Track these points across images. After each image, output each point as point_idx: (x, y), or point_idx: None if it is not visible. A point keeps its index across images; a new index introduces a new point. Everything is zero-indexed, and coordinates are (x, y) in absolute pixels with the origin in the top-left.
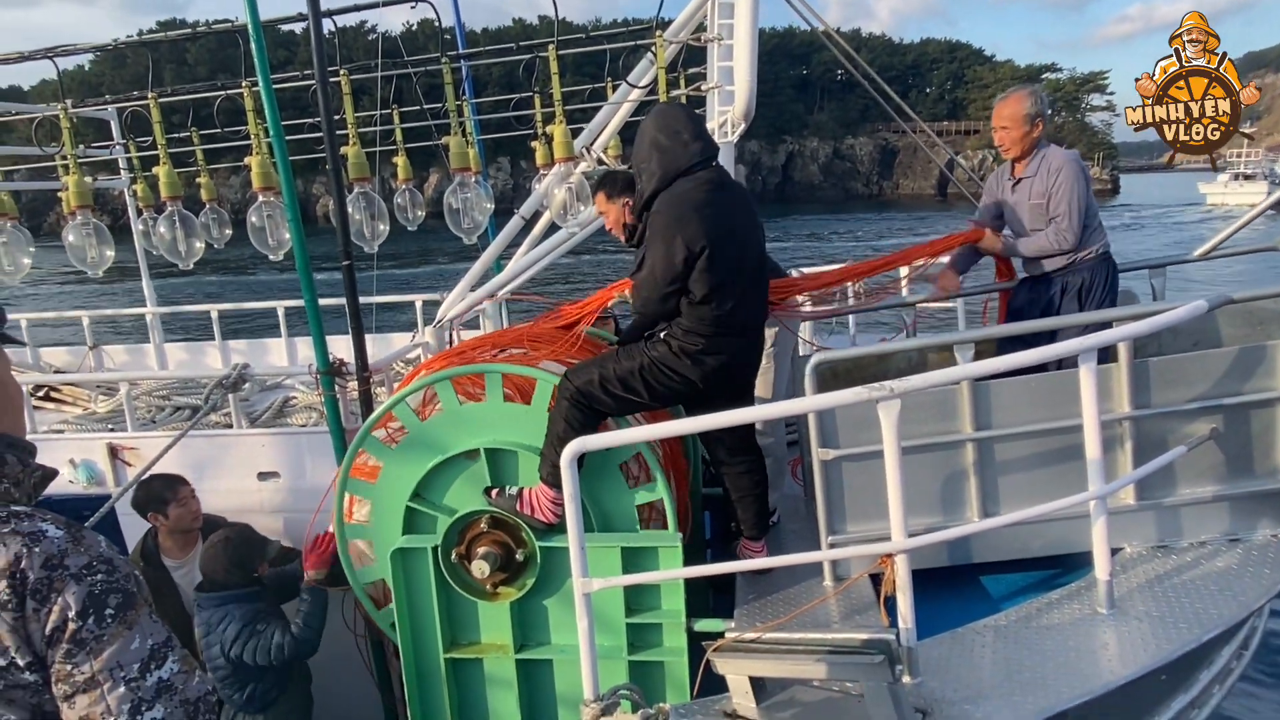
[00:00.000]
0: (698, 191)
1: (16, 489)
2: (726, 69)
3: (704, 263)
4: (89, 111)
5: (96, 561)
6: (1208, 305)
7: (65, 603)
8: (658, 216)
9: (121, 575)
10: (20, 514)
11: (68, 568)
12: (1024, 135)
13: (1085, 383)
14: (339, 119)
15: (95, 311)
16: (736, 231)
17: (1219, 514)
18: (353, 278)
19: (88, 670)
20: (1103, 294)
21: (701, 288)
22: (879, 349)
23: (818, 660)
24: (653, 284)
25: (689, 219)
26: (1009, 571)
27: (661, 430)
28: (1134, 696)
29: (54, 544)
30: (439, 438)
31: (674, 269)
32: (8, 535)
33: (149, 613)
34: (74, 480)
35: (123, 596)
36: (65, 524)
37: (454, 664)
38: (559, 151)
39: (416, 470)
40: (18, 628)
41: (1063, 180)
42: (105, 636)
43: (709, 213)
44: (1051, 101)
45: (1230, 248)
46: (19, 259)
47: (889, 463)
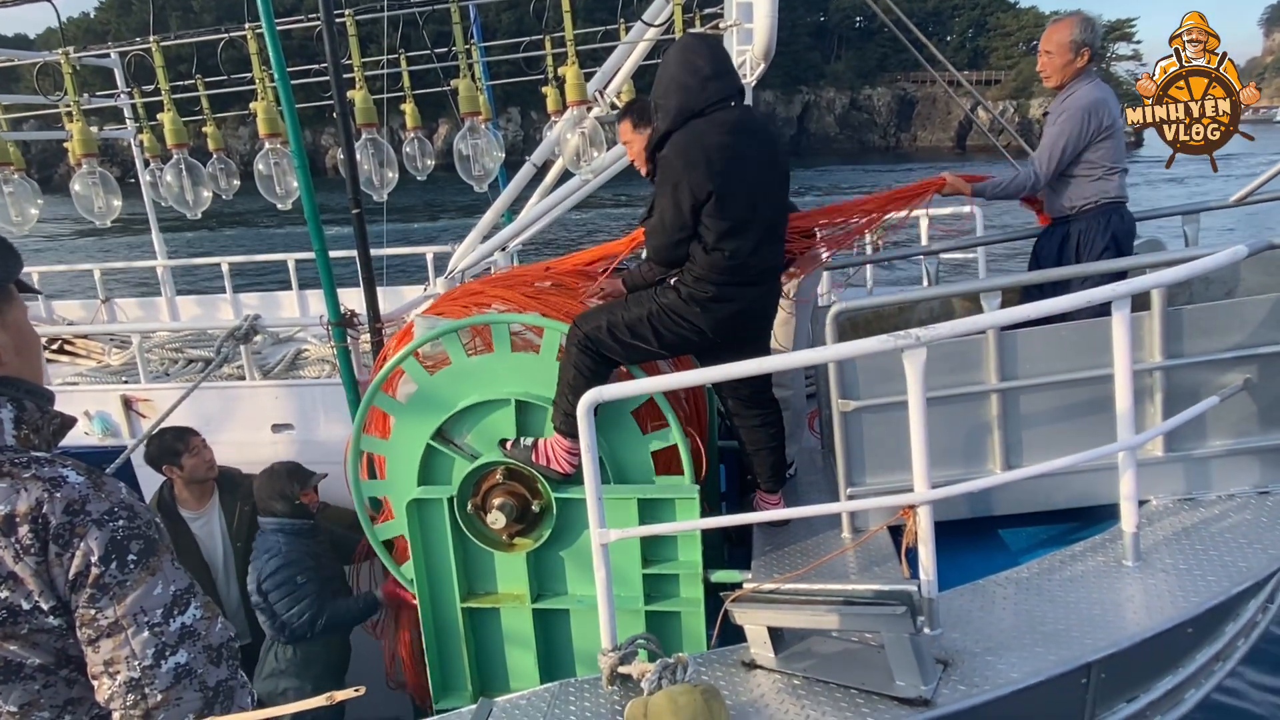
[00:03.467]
0: (711, 134)
1: (36, 435)
2: (745, 5)
3: (712, 208)
4: (92, 58)
5: (118, 507)
6: (1248, 250)
7: (88, 547)
8: (666, 160)
9: (143, 521)
10: (41, 459)
11: (89, 513)
12: (1066, 64)
13: (1118, 331)
14: (345, 63)
15: (107, 265)
16: (749, 176)
17: (1249, 466)
18: (363, 225)
19: (111, 615)
20: (1101, 245)
21: (712, 234)
22: (901, 297)
23: (838, 611)
24: (662, 231)
25: (696, 164)
26: (1028, 525)
27: (676, 380)
28: (1159, 649)
29: (75, 489)
30: (448, 390)
31: (681, 217)
32: (29, 480)
33: (171, 559)
34: (89, 432)
35: (145, 542)
36: (86, 470)
37: (471, 614)
38: (571, 94)
39: (431, 422)
40: (41, 572)
41: (1058, 120)
42: (129, 582)
43: (719, 156)
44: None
45: (1266, 193)
46: (26, 210)
47: (913, 413)
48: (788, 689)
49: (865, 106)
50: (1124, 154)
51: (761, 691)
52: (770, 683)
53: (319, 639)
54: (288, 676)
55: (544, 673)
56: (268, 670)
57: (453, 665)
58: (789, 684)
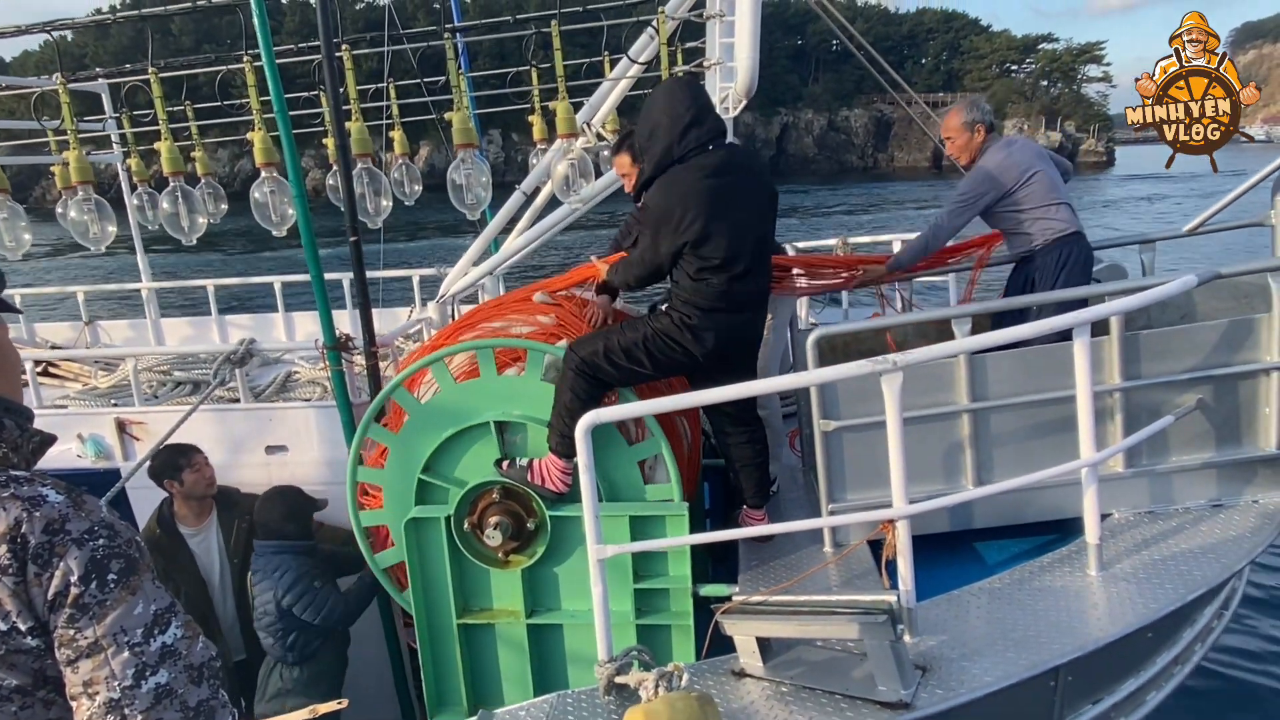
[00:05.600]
0: (690, 180)
1: (15, 454)
2: (728, 45)
3: (700, 247)
4: (80, 85)
5: (98, 526)
6: (1197, 280)
7: (68, 567)
8: (650, 206)
9: (123, 540)
10: (20, 479)
11: (69, 532)
12: (966, 143)
13: (1079, 355)
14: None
15: (91, 286)
16: (732, 215)
17: (1205, 481)
18: (360, 253)
19: (91, 635)
20: (1053, 280)
21: (697, 267)
22: (877, 323)
23: (823, 621)
24: (640, 265)
25: (672, 213)
26: (1002, 539)
27: (668, 404)
28: (1122, 653)
29: (55, 508)
30: (440, 416)
31: (659, 259)
32: (7, 500)
33: (151, 578)
34: (82, 454)
35: (125, 561)
36: (65, 489)
37: (467, 629)
38: (562, 127)
39: (423, 450)
40: (19, 592)
41: (963, 184)
42: (108, 601)
43: (697, 201)
44: (1048, 72)
45: (1218, 223)
46: (20, 235)
47: (891, 433)
48: (776, 696)
49: (843, 128)
50: (1057, 189)
51: (752, 699)
52: (760, 690)
53: (326, 653)
54: (295, 695)
55: (538, 686)
56: (272, 690)
57: (448, 680)
58: (778, 691)
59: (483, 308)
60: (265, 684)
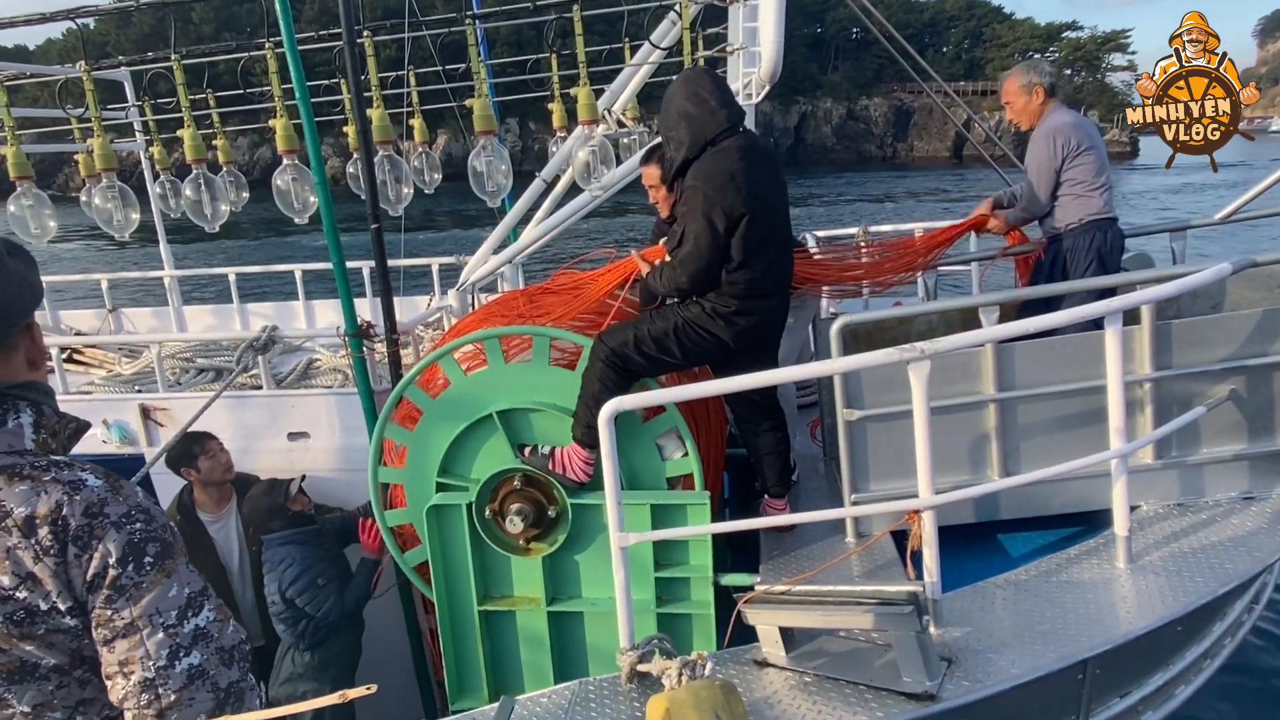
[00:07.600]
0: (730, 159)
1: (54, 439)
2: (751, 29)
3: (743, 229)
4: (103, 73)
5: (135, 510)
6: (1232, 268)
7: (106, 550)
8: (694, 190)
9: (159, 525)
10: (59, 463)
11: (108, 515)
12: (1025, 105)
13: (1110, 345)
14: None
15: (115, 274)
16: (768, 196)
17: (1236, 473)
18: (381, 240)
19: (127, 615)
20: (1085, 262)
21: (739, 253)
22: (902, 311)
23: (848, 611)
24: (698, 257)
25: (726, 188)
26: (1025, 530)
27: (692, 391)
28: (1150, 647)
29: (94, 492)
30: (480, 394)
31: (717, 240)
32: (49, 483)
33: (185, 562)
34: (107, 440)
35: (161, 545)
36: (104, 473)
37: (487, 616)
38: (583, 113)
39: (456, 423)
40: (59, 573)
41: (1030, 150)
42: (144, 583)
43: (743, 180)
44: (1071, 61)
45: (1251, 210)
46: (45, 221)
47: (918, 422)
48: (799, 686)
49: (862, 117)
50: (1105, 171)
51: (775, 688)
52: (782, 680)
53: (338, 639)
54: (306, 680)
55: (558, 674)
56: (285, 675)
57: (469, 667)
58: (800, 681)
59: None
60: (279, 668)
